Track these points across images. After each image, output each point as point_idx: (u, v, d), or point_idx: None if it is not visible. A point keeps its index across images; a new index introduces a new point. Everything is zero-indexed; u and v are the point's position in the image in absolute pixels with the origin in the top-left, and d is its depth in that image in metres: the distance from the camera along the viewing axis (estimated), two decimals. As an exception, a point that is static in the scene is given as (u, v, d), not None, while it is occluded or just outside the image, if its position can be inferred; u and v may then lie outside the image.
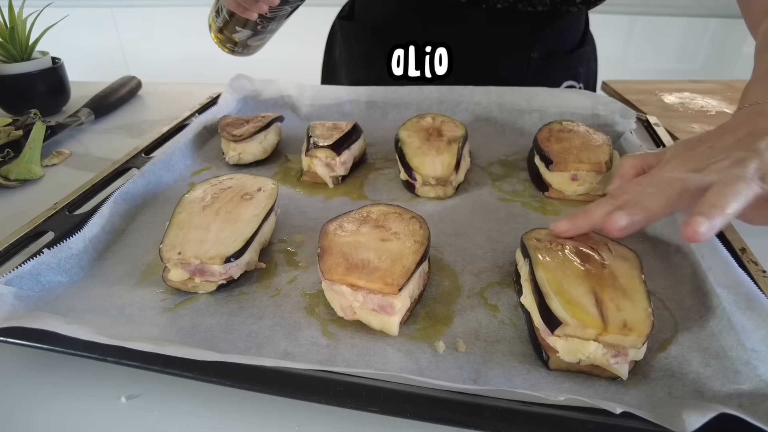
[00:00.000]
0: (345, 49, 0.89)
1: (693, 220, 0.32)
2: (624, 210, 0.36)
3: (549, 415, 0.30)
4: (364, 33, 0.85)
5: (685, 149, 0.40)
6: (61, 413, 0.34)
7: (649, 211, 0.36)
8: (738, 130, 0.40)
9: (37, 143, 0.67)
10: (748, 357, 0.34)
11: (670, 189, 0.36)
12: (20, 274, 0.40)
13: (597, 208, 0.39)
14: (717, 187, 0.34)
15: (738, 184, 0.34)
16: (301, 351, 0.37)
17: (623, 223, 0.35)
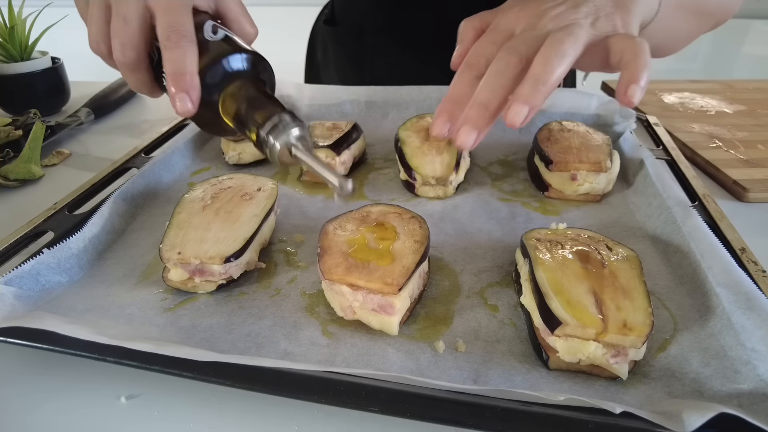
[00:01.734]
0: (326, 52, 0.90)
1: (514, 106, 0.32)
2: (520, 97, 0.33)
3: (549, 414, 0.30)
4: (345, 36, 0.86)
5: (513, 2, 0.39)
6: (60, 413, 0.34)
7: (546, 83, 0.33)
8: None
9: (37, 143, 0.67)
10: (748, 357, 0.34)
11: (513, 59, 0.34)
12: (20, 274, 0.40)
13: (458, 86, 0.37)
14: (542, 54, 0.33)
15: (565, 43, 0.33)
16: (301, 351, 0.37)
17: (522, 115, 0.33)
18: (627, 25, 0.35)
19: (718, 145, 0.68)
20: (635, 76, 0.32)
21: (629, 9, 0.36)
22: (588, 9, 0.35)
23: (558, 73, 0.32)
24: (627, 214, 0.53)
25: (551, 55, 0.32)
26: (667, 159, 0.61)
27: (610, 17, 0.35)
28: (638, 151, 0.59)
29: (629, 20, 0.36)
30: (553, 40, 0.33)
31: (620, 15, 0.36)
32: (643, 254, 0.46)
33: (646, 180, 0.54)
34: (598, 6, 0.36)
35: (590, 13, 0.35)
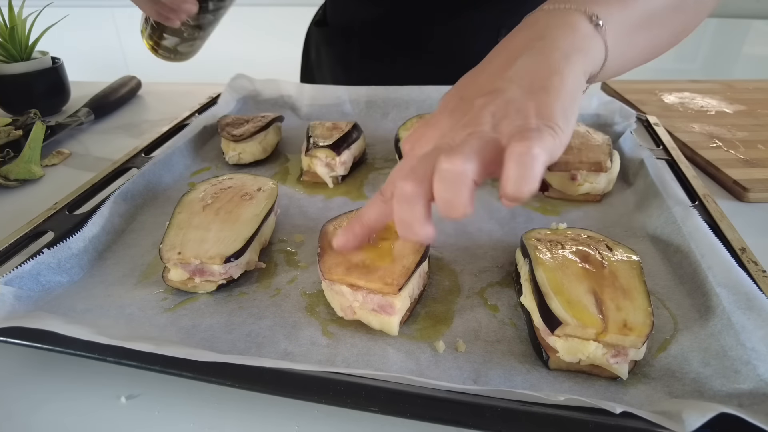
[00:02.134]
0: (319, 52, 0.91)
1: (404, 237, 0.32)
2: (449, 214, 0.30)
3: (549, 414, 0.30)
4: (334, 37, 0.87)
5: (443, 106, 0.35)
6: (60, 413, 0.34)
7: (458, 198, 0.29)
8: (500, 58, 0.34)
9: (37, 143, 0.67)
10: (748, 356, 0.34)
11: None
12: (20, 274, 0.40)
13: (369, 210, 0.36)
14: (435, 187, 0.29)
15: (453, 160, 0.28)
16: (301, 351, 0.37)
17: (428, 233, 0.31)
18: (543, 111, 0.29)
19: (719, 145, 0.68)
20: (504, 188, 0.28)
21: (548, 88, 0.30)
22: (493, 109, 0.31)
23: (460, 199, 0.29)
24: (627, 214, 0.53)
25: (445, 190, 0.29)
26: (667, 159, 0.61)
27: (521, 111, 0.30)
28: (638, 151, 0.59)
29: (548, 102, 0.30)
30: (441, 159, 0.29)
31: (535, 101, 0.30)
32: (643, 254, 0.46)
33: (646, 180, 0.54)
34: (507, 101, 0.31)
35: (495, 114, 0.31)
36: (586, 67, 0.33)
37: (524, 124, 0.29)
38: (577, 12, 0.34)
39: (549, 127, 0.29)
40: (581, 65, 0.32)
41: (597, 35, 0.33)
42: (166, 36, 0.68)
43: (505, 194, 0.29)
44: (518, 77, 0.32)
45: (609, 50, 0.34)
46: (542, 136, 0.28)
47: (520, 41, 0.34)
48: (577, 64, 0.32)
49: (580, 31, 0.33)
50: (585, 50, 0.33)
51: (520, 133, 0.28)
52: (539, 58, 0.32)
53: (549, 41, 0.33)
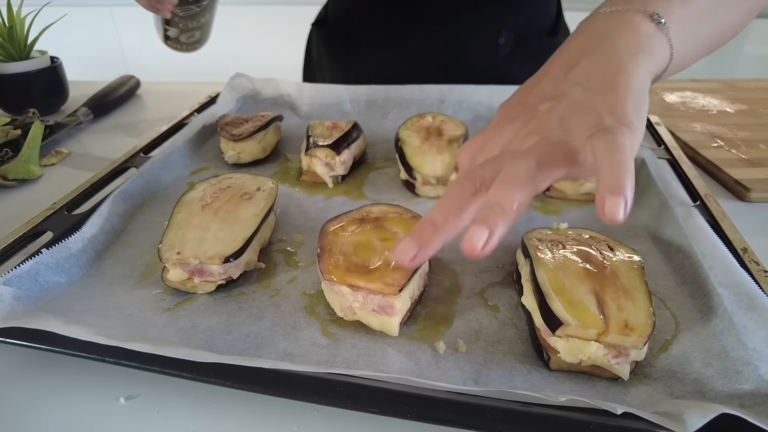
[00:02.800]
0: (319, 51, 0.91)
1: (470, 234, 0.27)
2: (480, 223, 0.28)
3: (550, 415, 0.30)
4: (333, 36, 0.87)
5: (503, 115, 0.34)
6: (59, 413, 0.34)
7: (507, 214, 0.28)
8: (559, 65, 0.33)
9: (36, 143, 0.66)
10: (750, 357, 0.34)
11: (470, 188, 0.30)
12: (19, 274, 0.40)
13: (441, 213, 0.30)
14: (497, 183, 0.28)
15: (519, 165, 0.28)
16: (301, 351, 0.37)
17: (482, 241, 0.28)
18: (616, 111, 0.28)
19: (720, 144, 0.68)
20: (609, 185, 0.25)
21: (617, 88, 0.29)
22: (560, 113, 0.30)
23: (516, 201, 0.27)
24: (628, 214, 0.53)
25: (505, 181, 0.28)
26: (668, 158, 0.61)
27: (591, 110, 0.29)
28: (639, 151, 0.58)
29: (619, 100, 0.29)
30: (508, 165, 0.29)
31: (605, 102, 0.29)
32: (644, 254, 0.45)
33: (647, 180, 0.54)
34: (573, 103, 0.30)
35: (563, 117, 0.30)
36: (651, 66, 0.32)
37: (598, 123, 0.28)
38: (637, 12, 0.32)
39: (624, 125, 0.27)
40: (646, 65, 0.31)
41: (660, 34, 0.32)
42: (167, 27, 0.71)
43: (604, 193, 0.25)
44: (583, 79, 0.31)
45: (674, 48, 0.33)
46: (621, 131, 0.27)
47: (580, 45, 0.33)
48: (642, 64, 0.31)
49: (642, 30, 0.32)
50: (649, 50, 0.32)
51: (599, 131, 0.27)
52: (602, 59, 0.31)
53: (610, 42, 0.32)
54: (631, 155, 0.26)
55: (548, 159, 0.28)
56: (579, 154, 0.28)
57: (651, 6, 0.33)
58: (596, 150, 0.27)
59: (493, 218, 0.27)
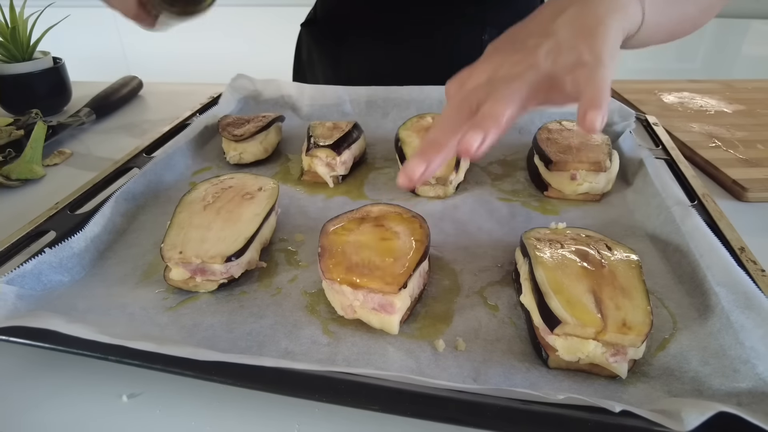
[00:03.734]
0: (310, 52, 0.92)
1: (466, 137, 0.32)
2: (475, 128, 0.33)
3: (548, 413, 0.30)
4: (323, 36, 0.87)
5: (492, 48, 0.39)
6: (62, 412, 0.34)
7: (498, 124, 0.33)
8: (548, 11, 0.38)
9: (39, 143, 0.67)
10: (747, 355, 0.34)
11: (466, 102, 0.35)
12: (22, 273, 0.40)
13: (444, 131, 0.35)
14: (488, 100, 0.33)
15: (511, 86, 0.33)
16: (302, 350, 0.37)
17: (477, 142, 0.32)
18: (594, 51, 0.33)
19: (718, 144, 0.68)
20: (591, 100, 0.31)
21: (596, 34, 0.34)
22: (547, 47, 0.35)
23: (507, 112, 0.33)
24: (626, 214, 0.53)
25: (497, 98, 0.33)
26: (666, 159, 0.62)
27: (573, 49, 0.34)
28: (637, 151, 0.59)
29: (597, 45, 0.34)
30: (499, 86, 0.34)
31: (586, 43, 0.34)
32: (642, 253, 0.46)
33: (645, 179, 0.54)
34: (559, 42, 0.35)
35: (550, 51, 0.35)
36: (625, 24, 0.37)
37: (579, 59, 0.33)
38: None
39: (600, 62, 0.33)
40: (621, 23, 0.36)
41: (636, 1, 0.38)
42: None
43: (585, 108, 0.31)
44: (568, 24, 0.36)
45: (645, 15, 0.38)
46: (598, 65, 0.32)
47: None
48: (618, 21, 0.36)
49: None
50: (625, 9, 0.37)
51: (580, 64, 0.33)
52: (586, 11, 0.36)
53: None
54: (606, 82, 0.32)
55: (535, 84, 0.34)
56: (561, 83, 0.34)
57: None
58: (578, 78, 0.33)
59: (486, 125, 0.32)
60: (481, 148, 0.32)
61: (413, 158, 0.35)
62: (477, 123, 0.33)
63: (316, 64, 0.91)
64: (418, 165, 0.34)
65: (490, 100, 0.33)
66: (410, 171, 0.35)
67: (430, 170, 0.35)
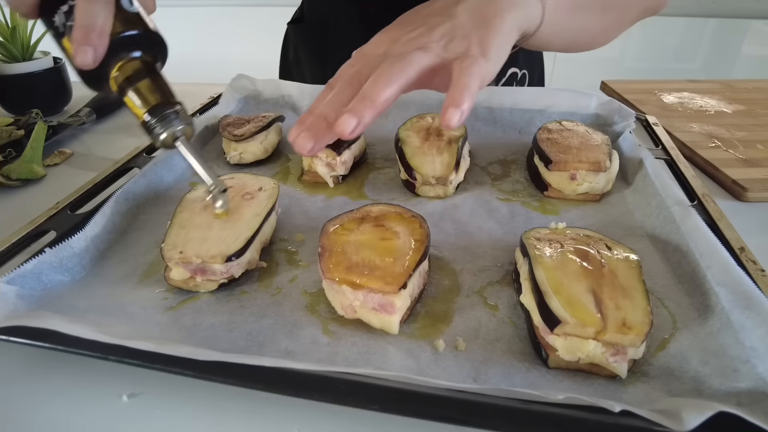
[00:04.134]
0: (296, 50, 0.92)
1: (341, 120, 0.33)
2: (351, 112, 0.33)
3: (548, 413, 0.30)
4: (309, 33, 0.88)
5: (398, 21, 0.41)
6: (62, 411, 0.34)
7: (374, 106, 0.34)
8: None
9: (39, 143, 0.67)
10: (747, 355, 0.34)
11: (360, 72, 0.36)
12: (22, 273, 0.40)
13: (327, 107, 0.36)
14: (372, 77, 0.34)
15: (395, 66, 0.34)
16: (302, 349, 0.37)
17: (351, 126, 0.33)
18: (484, 43, 0.35)
19: (718, 144, 0.68)
20: (454, 99, 0.32)
21: (491, 26, 0.36)
22: (443, 30, 0.36)
23: (386, 94, 0.33)
24: (626, 214, 0.53)
25: (379, 78, 0.34)
26: (666, 158, 0.62)
27: (466, 37, 0.35)
28: (637, 151, 0.59)
29: (489, 37, 0.35)
30: (385, 65, 0.35)
31: (478, 34, 0.35)
32: (642, 253, 0.46)
33: (645, 179, 0.54)
34: (456, 26, 0.36)
35: (445, 35, 0.36)
36: (521, 22, 0.39)
37: (467, 50, 0.35)
38: None
39: (484, 57, 0.35)
40: (518, 18, 0.38)
41: (538, 1, 0.40)
42: None
43: (447, 105, 0.32)
44: (469, 10, 0.37)
45: (545, 18, 0.40)
46: (479, 64, 0.34)
47: None
48: (516, 16, 0.38)
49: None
50: (525, 7, 0.39)
51: (464, 56, 0.34)
52: (488, 1, 0.38)
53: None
54: (478, 80, 0.34)
55: (422, 68, 0.35)
56: (445, 69, 0.35)
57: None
58: (453, 71, 0.34)
59: (361, 109, 0.33)
60: (356, 131, 0.33)
61: (303, 132, 0.35)
62: (354, 106, 0.33)
63: (303, 63, 0.91)
64: (307, 141, 0.35)
65: (372, 79, 0.34)
66: (299, 146, 0.35)
67: (317, 147, 0.36)
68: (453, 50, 0.35)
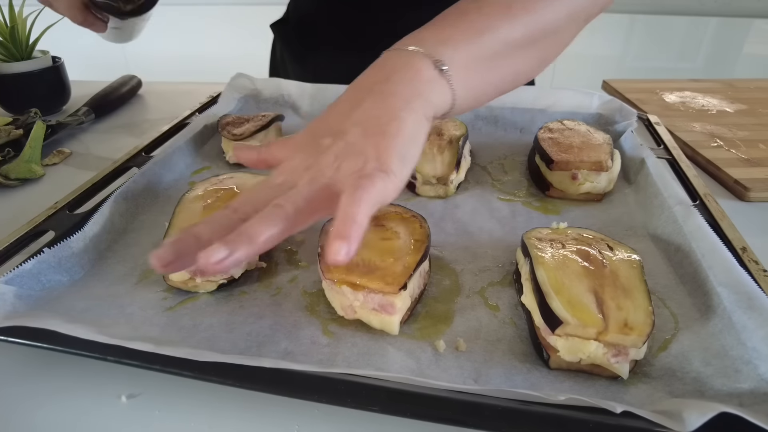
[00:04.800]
0: (282, 51, 0.92)
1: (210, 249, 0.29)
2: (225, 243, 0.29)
3: (549, 414, 0.30)
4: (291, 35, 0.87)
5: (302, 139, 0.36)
6: (61, 412, 0.34)
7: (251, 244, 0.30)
8: (350, 98, 0.36)
9: (38, 142, 0.67)
10: (749, 356, 0.34)
11: None
12: (21, 273, 0.40)
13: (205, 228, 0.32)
14: (256, 218, 0.31)
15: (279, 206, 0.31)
16: (302, 350, 0.37)
17: (218, 257, 0.29)
18: (381, 156, 0.31)
19: (720, 144, 0.68)
20: (338, 231, 0.28)
21: (386, 133, 0.32)
22: (337, 149, 0.33)
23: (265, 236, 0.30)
24: (628, 214, 0.53)
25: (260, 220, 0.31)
26: (668, 158, 0.61)
27: (360, 153, 0.32)
28: (639, 151, 0.59)
29: (385, 146, 0.32)
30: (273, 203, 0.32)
31: (374, 146, 0.32)
32: (644, 253, 0.45)
33: (647, 179, 0.54)
34: (350, 142, 0.33)
35: (339, 155, 0.32)
36: (426, 111, 0.34)
37: (362, 169, 0.31)
38: (424, 56, 0.35)
39: (383, 172, 0.31)
40: (422, 110, 0.34)
41: (441, 79, 0.35)
42: None
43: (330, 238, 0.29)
44: (362, 120, 0.33)
45: (456, 91, 0.36)
46: (374, 182, 0.30)
47: (368, 82, 0.36)
48: (417, 110, 0.34)
49: (424, 75, 0.35)
50: (427, 95, 0.34)
51: (354, 180, 0.30)
52: (381, 103, 0.34)
53: (392, 85, 0.34)
54: (369, 203, 0.30)
55: (310, 203, 0.32)
56: (341, 195, 0.31)
57: (438, 52, 0.35)
58: (341, 200, 0.30)
59: (236, 243, 0.30)
60: (223, 264, 0.29)
61: (165, 245, 0.31)
62: (230, 238, 0.30)
63: (288, 64, 0.92)
64: (166, 254, 0.31)
65: (256, 218, 0.31)
66: (155, 257, 0.31)
67: (177, 265, 0.31)
68: (347, 170, 0.31)
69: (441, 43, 0.36)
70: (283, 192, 0.32)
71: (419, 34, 0.37)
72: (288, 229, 0.31)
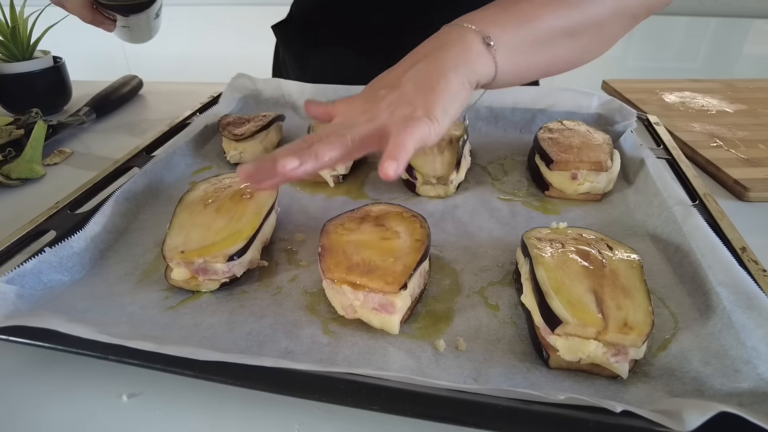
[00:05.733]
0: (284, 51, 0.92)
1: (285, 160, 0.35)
2: (296, 155, 0.36)
3: (549, 413, 0.30)
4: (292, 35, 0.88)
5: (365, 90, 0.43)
6: (62, 412, 0.34)
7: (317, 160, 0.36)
8: (408, 61, 0.42)
9: (39, 142, 0.67)
10: (749, 356, 0.34)
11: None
12: (22, 272, 0.40)
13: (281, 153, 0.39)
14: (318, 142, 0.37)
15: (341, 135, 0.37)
16: (302, 349, 0.37)
17: (292, 165, 0.36)
18: (428, 106, 0.37)
19: (719, 144, 0.68)
20: (390, 153, 0.35)
21: (434, 89, 0.38)
22: (391, 99, 0.39)
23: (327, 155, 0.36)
24: (627, 214, 0.53)
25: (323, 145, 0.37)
26: (667, 158, 0.61)
27: (411, 103, 0.38)
28: (639, 151, 0.59)
29: (432, 99, 0.37)
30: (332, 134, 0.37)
31: (423, 98, 0.38)
32: (643, 253, 0.46)
33: (646, 179, 0.54)
34: (402, 94, 0.39)
35: (392, 103, 0.38)
36: (470, 77, 0.40)
37: (411, 114, 0.37)
38: (474, 32, 0.41)
39: (428, 118, 0.37)
40: (466, 76, 0.40)
41: (487, 53, 0.41)
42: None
43: (384, 158, 0.35)
44: (415, 77, 0.40)
45: (499, 65, 0.41)
46: (421, 124, 0.36)
47: (426, 49, 0.42)
48: (462, 75, 0.40)
49: (473, 48, 0.40)
50: (472, 64, 0.40)
51: (404, 121, 0.37)
52: (433, 66, 0.40)
53: (445, 52, 0.40)
54: (414, 138, 0.36)
55: (364, 139, 0.38)
56: (391, 133, 0.37)
57: (487, 30, 0.41)
58: (392, 132, 0.36)
59: (306, 157, 0.36)
60: (294, 172, 0.36)
61: (253, 164, 0.37)
62: (302, 153, 0.36)
63: (289, 64, 0.92)
64: (252, 171, 0.37)
65: (321, 141, 0.37)
66: (244, 172, 0.37)
67: (262, 177, 0.37)
68: (398, 115, 0.37)
69: (491, 24, 0.41)
70: (346, 128, 0.38)
71: (475, 15, 0.43)
72: (346, 155, 0.37)
